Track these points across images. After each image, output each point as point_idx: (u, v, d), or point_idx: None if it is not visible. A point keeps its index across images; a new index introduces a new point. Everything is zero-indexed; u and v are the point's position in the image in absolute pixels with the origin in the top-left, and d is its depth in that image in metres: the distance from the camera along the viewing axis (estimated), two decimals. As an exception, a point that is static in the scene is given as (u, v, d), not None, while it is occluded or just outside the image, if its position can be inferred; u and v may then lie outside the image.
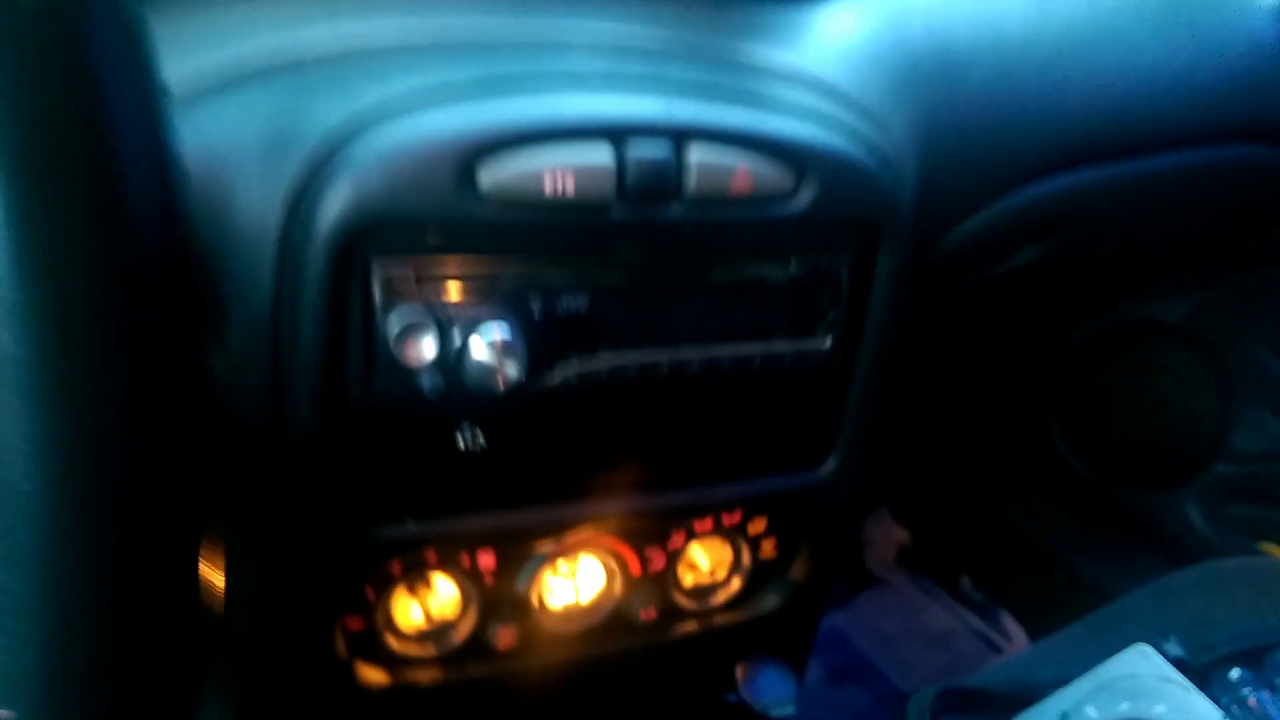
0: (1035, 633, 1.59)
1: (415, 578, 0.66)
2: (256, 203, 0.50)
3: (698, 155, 0.56)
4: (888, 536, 1.80)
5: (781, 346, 0.64)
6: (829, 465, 0.72)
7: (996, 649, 1.66)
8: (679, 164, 0.56)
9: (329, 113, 0.51)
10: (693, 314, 0.61)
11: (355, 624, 0.65)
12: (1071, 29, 0.79)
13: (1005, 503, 1.65)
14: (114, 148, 0.19)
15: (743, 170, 0.57)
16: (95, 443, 0.25)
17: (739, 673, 0.79)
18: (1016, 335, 1.47)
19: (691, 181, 0.56)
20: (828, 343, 0.66)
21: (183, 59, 0.51)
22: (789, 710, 0.78)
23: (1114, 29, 0.80)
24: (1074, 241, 0.91)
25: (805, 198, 0.60)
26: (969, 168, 0.75)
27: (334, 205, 0.50)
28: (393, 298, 0.53)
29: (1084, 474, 1.50)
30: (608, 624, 0.74)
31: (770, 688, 0.79)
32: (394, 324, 0.53)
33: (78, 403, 0.24)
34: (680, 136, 0.56)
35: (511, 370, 0.55)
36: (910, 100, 0.69)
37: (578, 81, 0.56)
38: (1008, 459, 1.63)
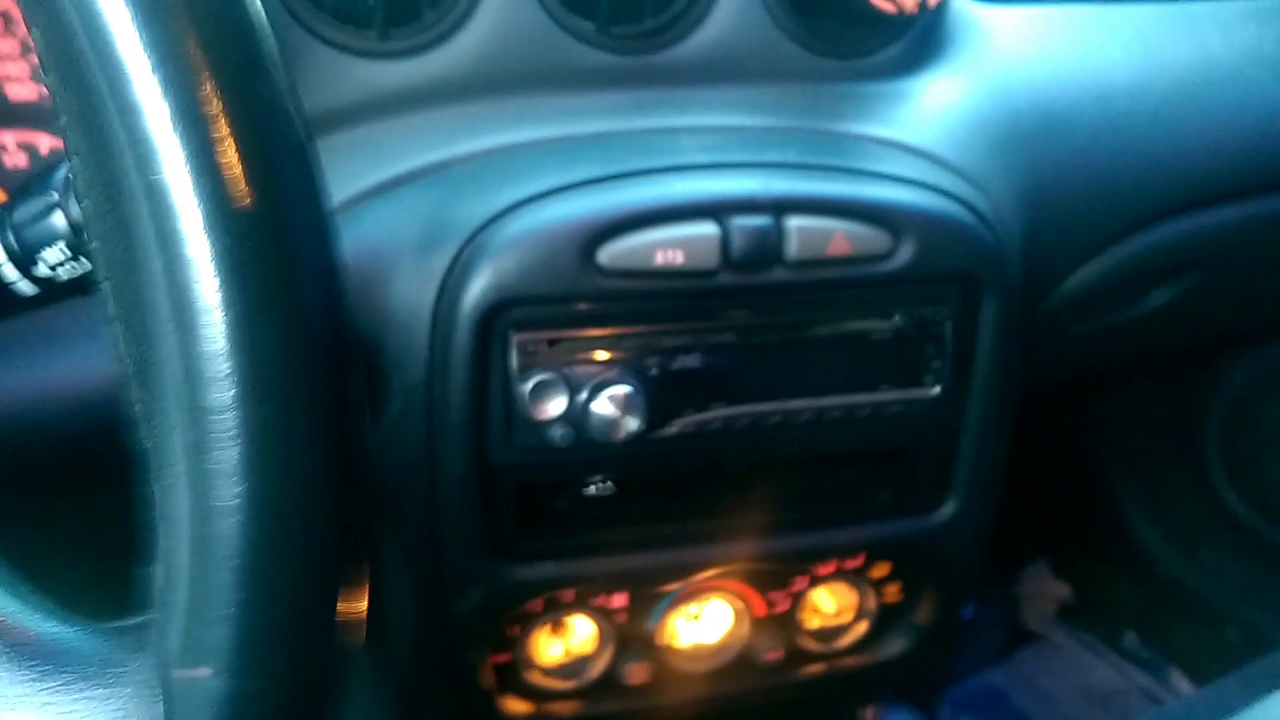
0: (1208, 692, 1.50)
1: (555, 617, 0.73)
2: (412, 287, 0.59)
3: (796, 223, 0.61)
4: (1046, 591, 1.74)
5: (889, 396, 0.68)
6: (946, 510, 0.74)
7: (1165, 709, 1.57)
8: (779, 232, 0.61)
9: (472, 209, 0.59)
10: (801, 368, 0.66)
11: (501, 658, 0.72)
12: (1182, 74, 0.80)
13: (1169, 555, 1.58)
14: (299, 276, 0.26)
15: (840, 234, 0.62)
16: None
17: (867, 715, 0.81)
18: (1171, 377, 1.43)
19: (792, 247, 0.61)
20: (935, 391, 0.69)
21: (348, 171, 0.61)
22: (919, 754, 0.80)
23: (1228, 70, 0.80)
24: (1210, 281, 0.90)
25: (903, 256, 0.64)
26: (1078, 218, 0.77)
27: (476, 286, 0.58)
28: (528, 364, 0.60)
29: (1253, 523, 1.42)
30: (734, 664, 0.78)
31: (899, 731, 0.80)
32: (529, 385, 0.60)
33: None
34: (779, 209, 0.61)
35: (632, 422, 0.61)
36: (1012, 160, 0.72)
37: (685, 169, 0.63)
38: (1169, 508, 1.56)
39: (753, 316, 0.64)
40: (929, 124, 0.73)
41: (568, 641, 0.75)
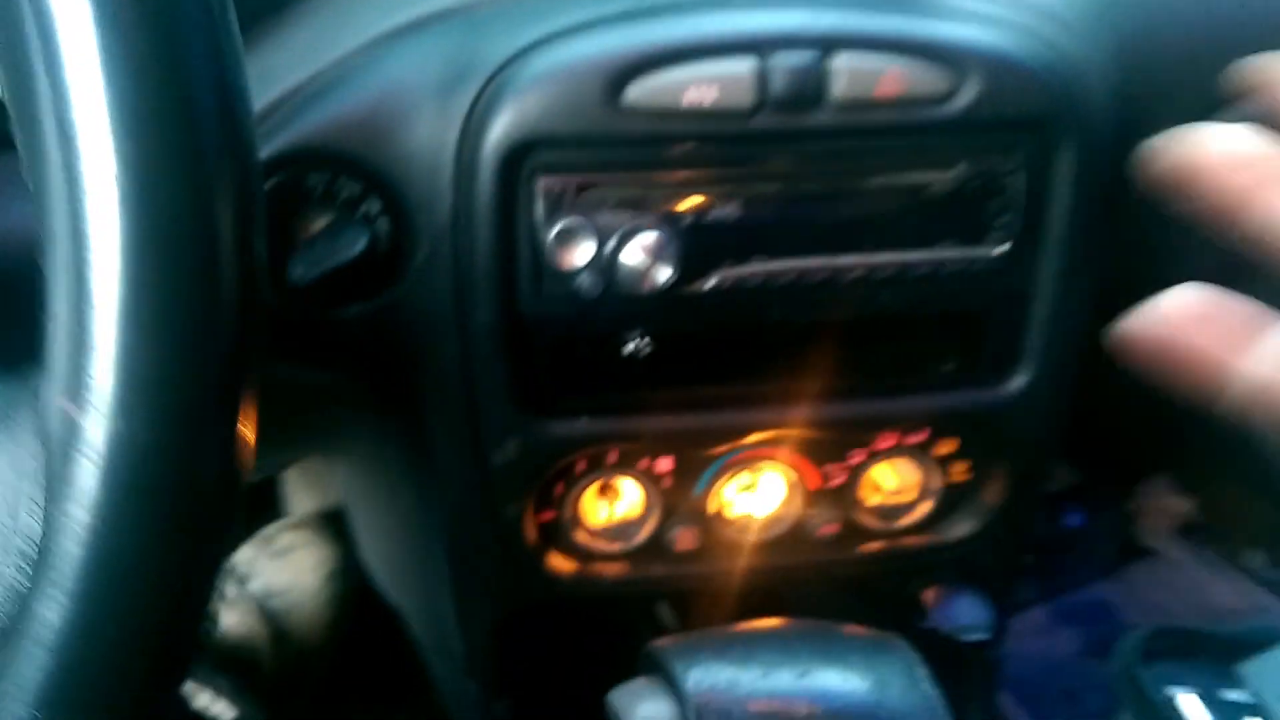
0: (1337, 614, 1.40)
1: (602, 478, 0.72)
2: (435, 128, 0.58)
3: (843, 60, 0.57)
4: (1166, 507, 1.65)
5: (948, 254, 0.63)
6: (1017, 382, 0.69)
7: (1289, 629, 1.48)
8: (823, 69, 0.57)
9: (495, 47, 0.57)
10: (850, 221, 0.62)
11: (546, 516, 0.72)
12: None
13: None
14: None
15: (892, 72, 0.57)
16: None
17: (929, 597, 0.78)
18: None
19: (838, 86, 0.57)
20: (1002, 249, 0.63)
21: (371, 13, 0.60)
22: (982, 635, 0.76)
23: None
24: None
25: (965, 98, 0.59)
26: (1197, 68, 0.69)
27: (499, 126, 0.56)
28: (554, 209, 0.59)
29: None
30: (787, 537, 0.76)
31: (963, 613, 0.77)
32: (554, 231, 0.58)
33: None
34: (825, 44, 0.57)
35: (662, 272, 0.59)
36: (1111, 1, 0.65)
37: (722, 3, 0.59)
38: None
39: (795, 164, 0.60)
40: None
41: (614, 504, 0.74)
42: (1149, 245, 0.71)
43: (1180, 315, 0.29)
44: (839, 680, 0.52)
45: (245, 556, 1.17)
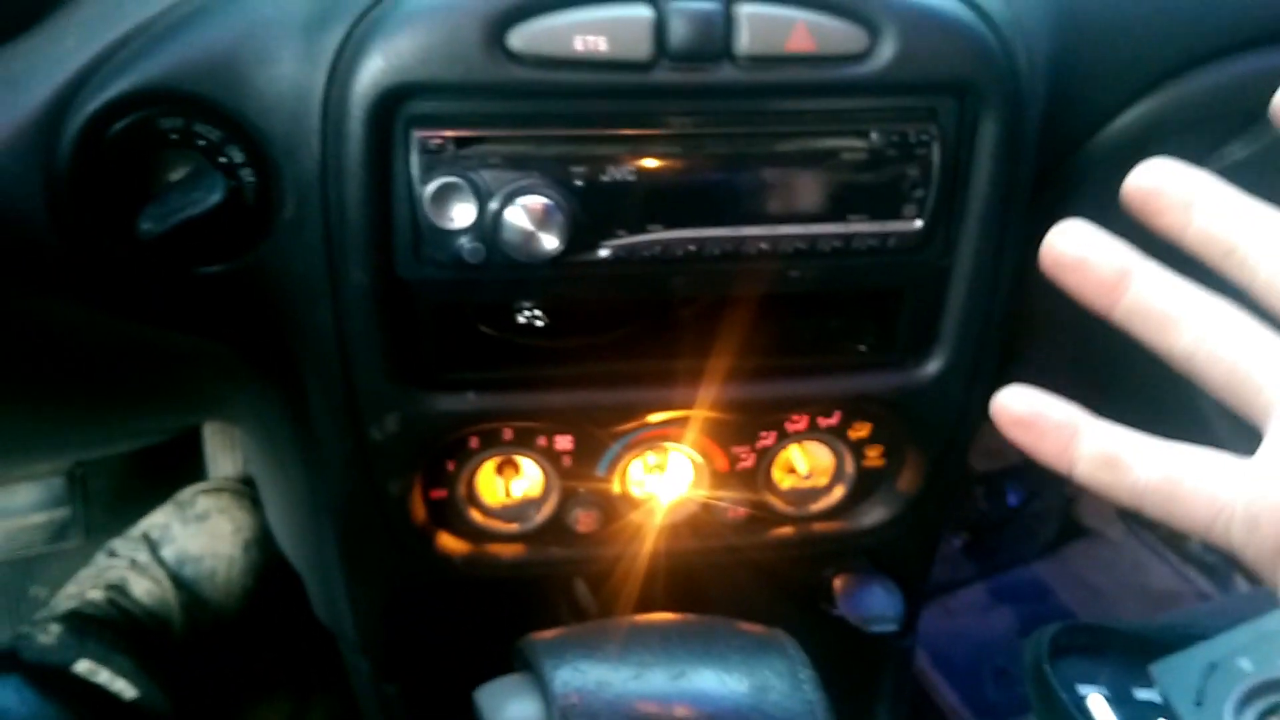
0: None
1: (498, 455, 0.68)
2: (301, 70, 0.52)
3: (749, 10, 0.52)
4: (1108, 486, 1.64)
5: (862, 228, 0.59)
6: (933, 365, 0.66)
7: (1221, 615, 1.48)
8: (728, 19, 0.52)
9: None
10: (756, 189, 0.57)
11: (437, 494, 0.68)
12: None
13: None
14: None
15: (801, 25, 0.53)
16: None
17: (837, 584, 0.75)
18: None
19: (743, 38, 0.52)
20: (916, 225, 0.59)
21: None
22: (890, 626, 0.74)
23: None
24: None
25: (882, 58, 0.54)
26: (1131, 38, 0.65)
27: (369, 69, 0.51)
28: (431, 166, 0.54)
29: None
30: (694, 520, 0.72)
31: (873, 603, 0.74)
32: (431, 189, 0.54)
33: None
34: (730, -9, 0.52)
35: (550, 240, 0.54)
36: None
37: None
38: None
39: (698, 124, 0.55)
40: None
41: (512, 483, 0.70)
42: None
43: (1008, 419, 0.34)
44: (716, 682, 0.48)
45: (159, 521, 1.12)
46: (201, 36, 0.53)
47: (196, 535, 1.11)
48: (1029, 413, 0.34)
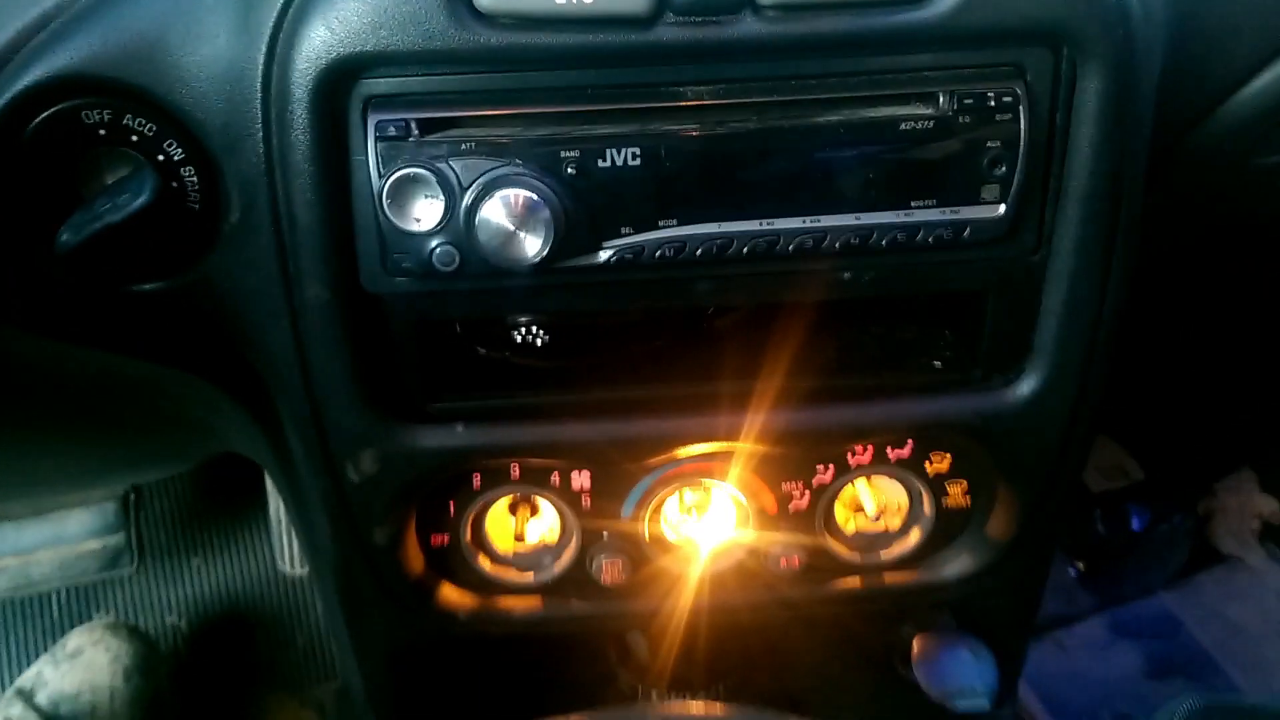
0: None
1: (502, 494, 0.58)
2: (236, 46, 0.44)
3: (774, -56, 0.41)
4: (1247, 507, 1.48)
5: (929, 215, 0.47)
6: (1026, 384, 0.53)
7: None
8: (746, -42, 0.41)
9: None
10: (792, 172, 0.46)
11: (437, 539, 0.59)
12: None
13: None
14: None
15: (841, -39, 0.41)
16: None
17: (916, 646, 0.63)
18: None
19: (765, -19, 0.42)
20: (1000, 210, 0.47)
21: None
22: (980, 703, 0.61)
23: None
24: None
25: (944, 2, 0.43)
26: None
27: (312, 40, 0.43)
28: (392, 155, 0.44)
29: None
30: (739, 570, 0.61)
31: (958, 672, 0.62)
32: (389, 182, 0.44)
33: None
34: (748, -78, 0.41)
35: (534, 240, 0.45)
36: None
37: None
38: None
39: (716, 93, 0.45)
40: None
41: (524, 526, 0.61)
42: (1215, 208, 0.54)
43: None
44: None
45: (31, 672, 1.05)
46: (125, 15, 0.45)
47: (70, 673, 1.05)
48: None
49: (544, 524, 0.61)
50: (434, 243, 0.46)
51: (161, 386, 0.58)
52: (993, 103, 0.45)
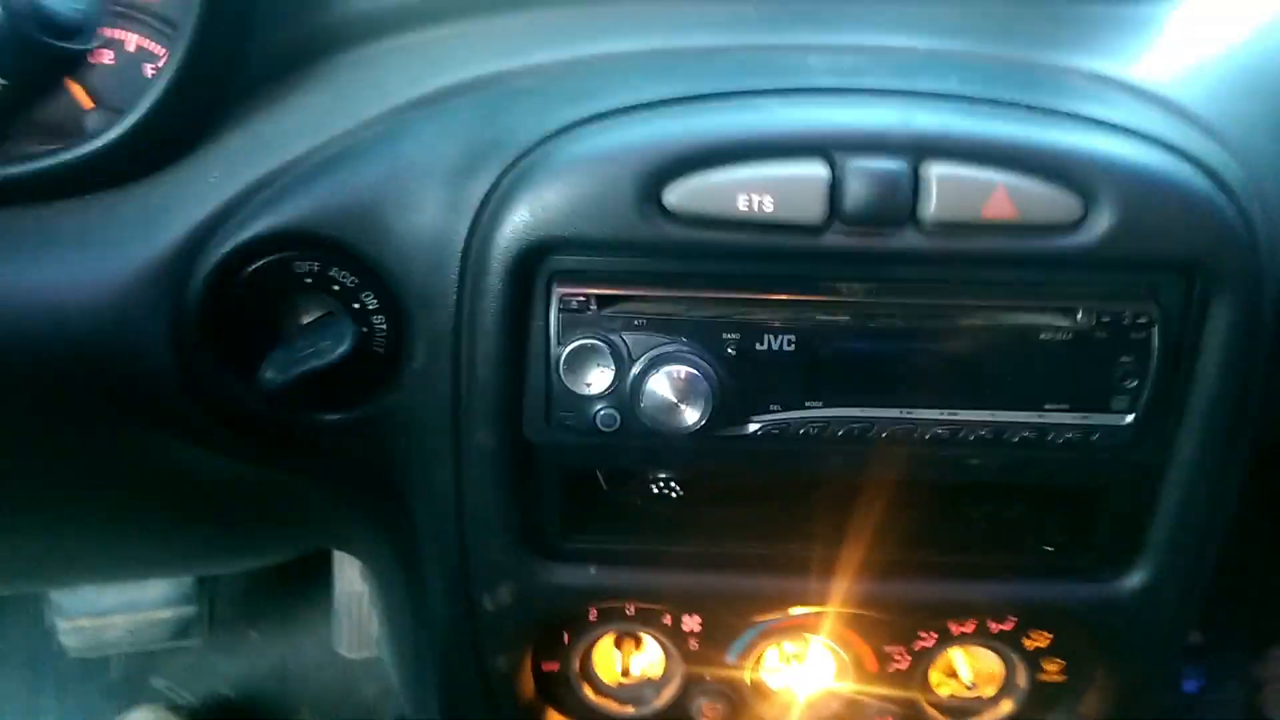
0: None
1: (614, 629, 0.61)
2: (444, 219, 0.49)
3: (940, 171, 0.46)
4: (1304, 677, 1.44)
5: (1060, 418, 0.50)
6: (1135, 578, 0.56)
7: None
8: (915, 180, 0.46)
9: (519, 130, 0.48)
10: (936, 368, 0.50)
11: (548, 666, 0.61)
12: None
13: None
14: None
15: (1001, 189, 0.46)
16: None
17: (1003, 817, 0.64)
18: None
19: (930, 202, 0.46)
20: (1128, 420, 0.50)
21: (391, 81, 0.52)
22: None
23: None
24: None
25: (1097, 229, 0.47)
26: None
27: (513, 221, 0.47)
28: (572, 325, 0.49)
29: None
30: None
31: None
32: (567, 350, 0.49)
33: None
34: (918, 150, 0.46)
35: (691, 413, 0.48)
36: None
37: (795, 93, 0.48)
38: None
39: (872, 294, 0.49)
40: (1167, 58, 0.54)
41: (630, 660, 0.63)
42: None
43: None
44: None
45: None
46: (346, 180, 0.50)
47: None
48: None
49: (647, 658, 0.63)
50: (599, 406, 0.50)
51: (306, 498, 0.62)
52: (1128, 321, 0.49)
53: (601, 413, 0.50)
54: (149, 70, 0.51)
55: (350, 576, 1.27)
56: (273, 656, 1.38)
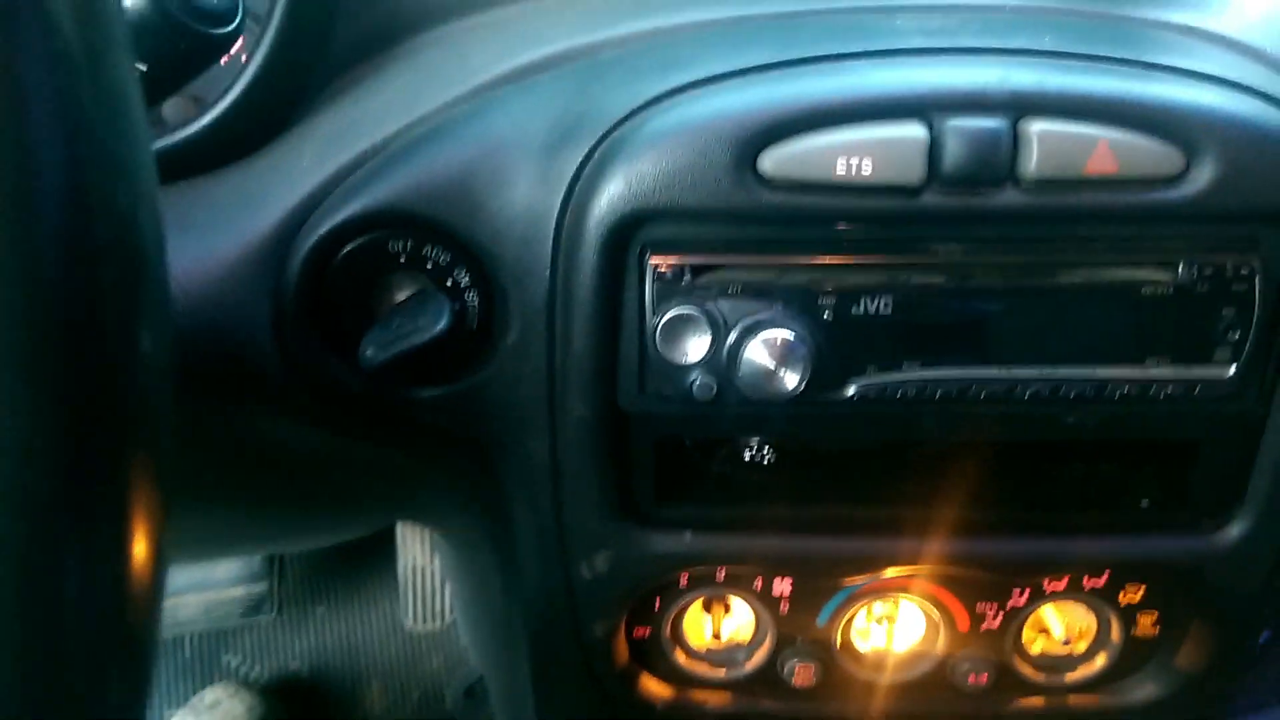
0: None
1: (709, 594, 0.62)
2: (536, 193, 0.49)
3: (1040, 128, 0.45)
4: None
5: (1161, 373, 0.50)
6: (1233, 531, 0.55)
7: None
8: (1014, 138, 0.45)
9: (611, 101, 0.48)
10: (1035, 325, 0.50)
11: (640, 632, 0.62)
12: None
13: None
14: None
15: (1103, 145, 0.45)
16: None
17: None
18: None
19: (1031, 160, 0.45)
20: (1230, 371, 0.50)
21: (480, 57, 0.52)
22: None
23: None
24: None
25: (1199, 182, 0.46)
26: None
27: (607, 193, 0.47)
28: (666, 295, 0.49)
29: None
30: (926, 681, 0.63)
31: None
32: (662, 320, 0.49)
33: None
34: (1017, 107, 0.45)
35: (790, 378, 0.49)
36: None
37: (889, 54, 0.48)
38: None
39: (969, 253, 0.49)
40: (1257, 10, 0.53)
41: (720, 624, 0.64)
42: None
43: None
44: None
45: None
46: (437, 158, 0.50)
47: None
48: None
49: (737, 622, 0.64)
50: (695, 375, 0.50)
51: (401, 471, 0.63)
52: (1229, 273, 0.48)
53: (698, 381, 0.50)
54: (222, 59, 0.52)
55: (414, 551, 1.30)
56: (340, 631, 1.40)
